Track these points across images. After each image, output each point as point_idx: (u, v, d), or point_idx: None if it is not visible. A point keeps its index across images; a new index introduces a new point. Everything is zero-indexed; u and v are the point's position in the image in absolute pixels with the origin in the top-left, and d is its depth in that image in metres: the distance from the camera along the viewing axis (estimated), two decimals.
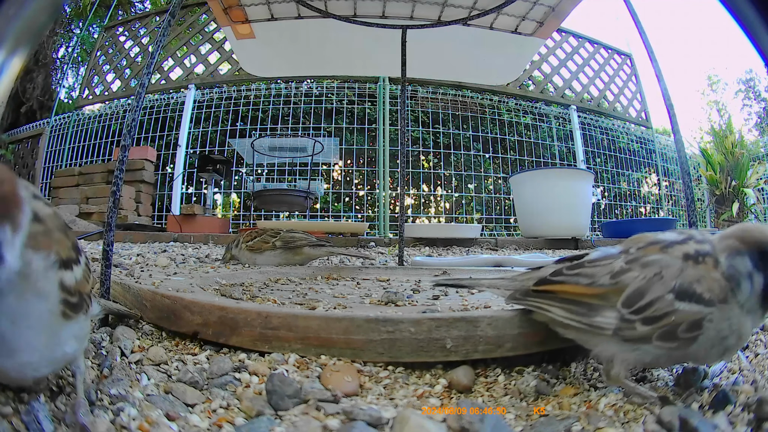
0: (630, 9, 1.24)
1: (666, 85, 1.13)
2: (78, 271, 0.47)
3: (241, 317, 0.68)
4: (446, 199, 6.20)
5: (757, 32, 0.43)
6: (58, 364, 0.48)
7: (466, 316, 0.64)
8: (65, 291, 0.44)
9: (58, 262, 0.43)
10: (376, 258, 2.50)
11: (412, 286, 1.28)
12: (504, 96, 5.81)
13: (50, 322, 0.43)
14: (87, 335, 0.53)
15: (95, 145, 5.66)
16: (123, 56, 5.96)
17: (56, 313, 0.43)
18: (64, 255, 0.44)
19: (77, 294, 0.46)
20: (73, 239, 0.49)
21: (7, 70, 0.41)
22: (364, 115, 5.56)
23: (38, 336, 0.43)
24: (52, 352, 0.45)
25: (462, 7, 1.95)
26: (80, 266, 0.48)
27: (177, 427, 0.48)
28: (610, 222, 4.73)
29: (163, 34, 1.13)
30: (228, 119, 5.41)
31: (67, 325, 0.45)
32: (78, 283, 0.47)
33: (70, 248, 0.47)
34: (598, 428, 0.47)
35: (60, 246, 0.44)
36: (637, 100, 6.32)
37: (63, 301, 0.44)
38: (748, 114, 12.97)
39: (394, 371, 0.64)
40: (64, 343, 0.46)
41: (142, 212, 4.96)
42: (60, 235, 0.45)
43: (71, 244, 0.47)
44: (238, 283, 1.23)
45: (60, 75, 8.36)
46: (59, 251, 0.44)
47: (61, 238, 0.45)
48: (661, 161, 6.39)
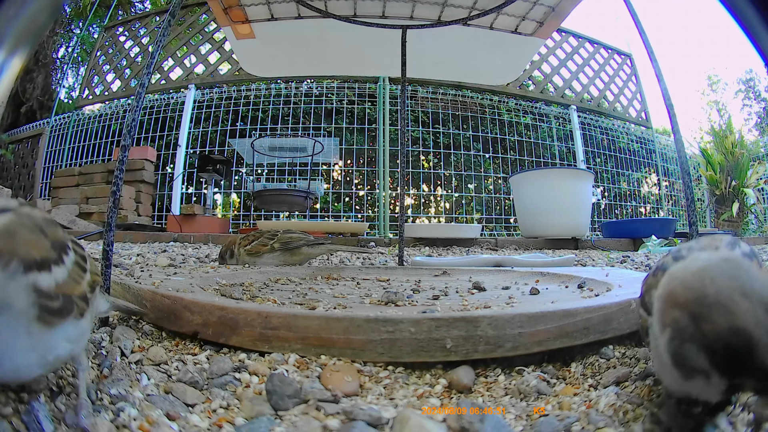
0: (630, 9, 1.24)
1: (666, 85, 1.13)
2: (61, 271, 0.44)
3: (241, 317, 0.68)
4: (446, 199, 6.20)
5: (757, 32, 0.43)
6: (54, 365, 0.47)
7: (466, 316, 0.64)
8: (42, 296, 0.41)
9: (27, 265, 0.40)
10: (376, 258, 2.50)
11: (412, 286, 1.28)
12: (504, 96, 5.81)
13: (27, 330, 0.40)
14: (85, 335, 0.51)
15: (95, 145, 5.67)
16: (123, 56, 5.96)
17: (32, 320, 0.40)
18: (37, 256, 0.41)
19: (60, 297, 0.43)
20: (56, 238, 0.45)
21: (7, 70, 0.41)
22: (364, 115, 5.57)
23: (14, 345, 0.40)
24: (41, 357, 0.43)
25: (462, 7, 1.94)
26: (64, 266, 0.45)
27: (177, 426, 0.48)
28: (610, 222, 4.73)
29: (163, 34, 1.13)
30: (228, 119, 5.42)
31: (53, 330, 0.43)
32: (62, 285, 0.44)
33: (48, 248, 0.43)
34: (598, 428, 0.47)
35: (29, 247, 0.41)
36: (637, 100, 6.33)
37: (39, 306, 0.40)
38: (748, 114, 12.99)
39: (394, 371, 0.64)
40: (53, 348, 0.44)
41: (142, 212, 4.96)
42: (30, 236, 0.42)
43: (49, 244, 0.43)
44: (238, 283, 1.23)
45: (60, 75, 8.38)
46: (28, 252, 0.40)
47: (31, 239, 0.42)
48: (661, 161, 6.39)
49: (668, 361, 0.39)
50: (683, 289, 0.38)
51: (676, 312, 0.38)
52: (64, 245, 0.47)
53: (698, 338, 0.35)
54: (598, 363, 0.67)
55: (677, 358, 0.38)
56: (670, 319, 0.38)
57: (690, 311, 0.36)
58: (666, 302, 0.40)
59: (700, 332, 0.35)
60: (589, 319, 0.69)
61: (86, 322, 0.50)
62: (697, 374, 0.37)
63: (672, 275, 0.41)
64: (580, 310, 0.68)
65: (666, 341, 0.39)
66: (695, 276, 0.38)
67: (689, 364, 0.37)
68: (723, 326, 0.34)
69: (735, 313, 0.34)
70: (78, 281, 0.48)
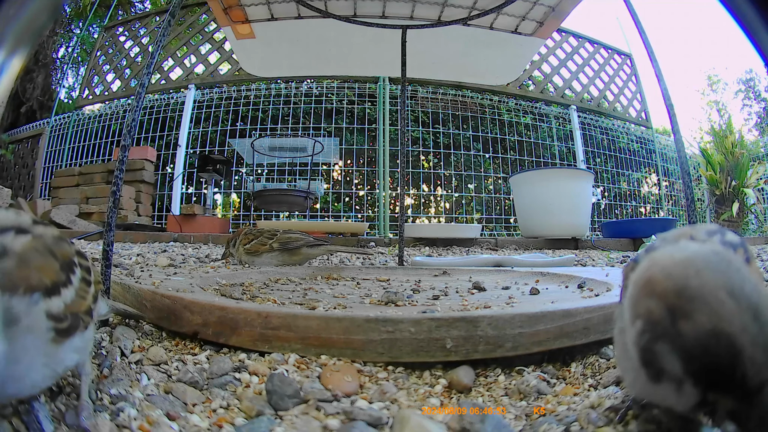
0: (630, 9, 1.24)
1: (666, 85, 1.13)
2: (69, 292, 0.45)
3: (241, 317, 0.68)
4: (446, 199, 6.20)
5: (757, 32, 0.43)
6: (61, 374, 0.48)
7: (466, 316, 0.64)
8: (53, 319, 0.41)
9: (42, 292, 0.40)
10: (376, 258, 2.50)
11: (412, 286, 1.28)
12: (504, 96, 5.81)
13: (42, 351, 0.41)
14: (91, 341, 0.52)
15: (95, 145, 5.66)
16: (123, 56, 5.96)
17: (47, 342, 0.41)
18: (49, 282, 0.41)
19: (68, 317, 0.44)
20: (65, 257, 0.46)
21: (7, 70, 0.41)
22: (364, 115, 5.56)
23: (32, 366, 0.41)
24: (53, 370, 0.44)
25: (462, 7, 1.95)
26: (72, 286, 0.45)
27: (177, 426, 0.48)
28: (610, 222, 4.73)
29: (163, 34, 1.13)
30: (228, 119, 5.42)
31: (62, 346, 0.43)
32: (69, 306, 0.44)
33: (58, 270, 0.43)
34: (597, 428, 0.47)
35: (43, 274, 0.41)
36: (637, 100, 6.33)
37: (52, 329, 0.41)
38: (748, 114, 12.98)
39: (394, 371, 0.64)
40: (63, 361, 0.45)
41: (142, 212, 4.96)
42: (42, 260, 0.42)
43: (59, 266, 0.44)
44: (238, 283, 1.23)
45: (60, 75, 8.37)
46: (41, 280, 0.41)
47: (43, 264, 0.42)
48: (661, 161, 6.39)
49: (636, 358, 0.35)
50: (663, 277, 0.33)
51: (651, 302, 0.33)
52: (71, 264, 0.47)
53: (674, 336, 0.31)
54: (598, 363, 0.67)
55: (646, 356, 0.33)
56: (644, 310, 0.34)
57: (668, 303, 0.32)
58: (642, 289, 0.35)
59: (677, 330, 0.31)
60: (589, 319, 0.69)
61: (90, 331, 0.51)
62: (666, 379, 0.33)
63: (653, 260, 0.36)
64: (580, 310, 0.68)
65: (636, 334, 0.34)
66: (680, 265, 0.33)
67: (659, 365, 0.33)
68: (704, 326, 0.30)
69: (719, 314, 0.30)
70: (84, 297, 0.48)
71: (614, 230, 4.18)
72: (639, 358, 0.34)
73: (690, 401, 0.32)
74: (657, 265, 0.35)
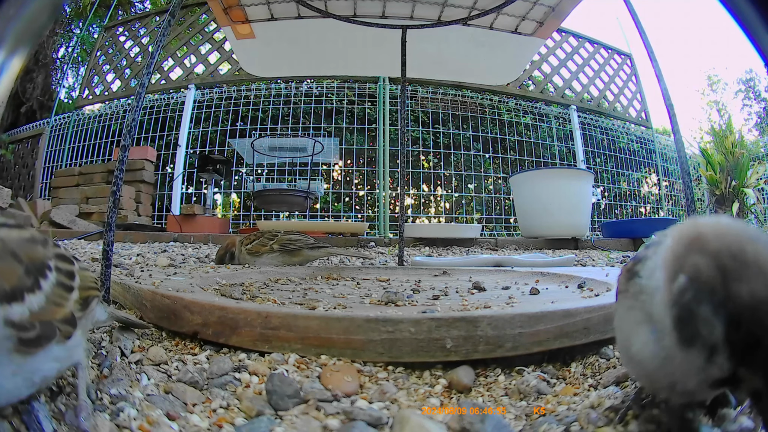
0: (630, 9, 1.24)
1: (666, 85, 1.13)
2: (36, 299, 0.41)
3: (241, 317, 0.68)
4: (446, 199, 6.20)
5: (757, 32, 0.43)
6: (46, 382, 0.46)
7: (466, 316, 0.64)
8: (15, 327, 0.38)
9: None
10: (376, 258, 2.50)
11: (412, 286, 1.28)
12: (504, 96, 5.81)
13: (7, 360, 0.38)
14: (77, 349, 0.49)
15: (95, 145, 5.66)
16: (123, 56, 5.96)
17: (8, 352, 0.38)
18: (6, 287, 0.38)
19: (37, 326, 0.40)
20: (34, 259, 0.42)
21: (7, 70, 0.41)
22: (364, 115, 5.56)
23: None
24: (27, 380, 0.41)
25: (462, 7, 1.95)
26: (41, 292, 0.42)
27: (177, 426, 0.48)
28: (610, 222, 4.73)
29: (163, 34, 1.13)
30: (228, 119, 5.41)
31: (33, 357, 0.41)
32: (38, 313, 0.41)
33: (20, 276, 0.40)
34: (597, 428, 0.47)
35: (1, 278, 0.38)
36: (637, 100, 6.33)
37: (14, 338, 0.38)
38: (748, 114, 12.98)
39: (394, 371, 0.64)
40: (39, 371, 0.42)
41: (142, 212, 4.96)
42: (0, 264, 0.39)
43: (23, 270, 0.40)
44: (238, 283, 1.23)
45: (60, 75, 8.38)
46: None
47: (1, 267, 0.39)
48: (661, 161, 6.39)
49: (668, 319, 0.32)
50: (716, 237, 0.31)
51: (701, 259, 0.31)
52: (42, 267, 0.44)
53: (722, 299, 0.29)
54: (598, 363, 0.67)
55: (684, 315, 0.31)
56: (691, 266, 0.31)
57: (720, 263, 0.30)
58: (690, 245, 0.32)
59: (728, 292, 0.29)
60: (589, 319, 0.69)
61: (76, 340, 0.48)
62: (699, 345, 0.30)
63: (696, 227, 0.34)
64: (580, 310, 0.68)
65: (675, 291, 0.32)
66: (733, 230, 0.32)
67: (695, 328, 0.30)
68: (760, 293, 0.28)
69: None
70: (60, 303, 0.45)
71: (614, 230, 4.18)
72: (673, 318, 0.32)
73: (714, 374, 0.30)
74: (706, 226, 0.33)
